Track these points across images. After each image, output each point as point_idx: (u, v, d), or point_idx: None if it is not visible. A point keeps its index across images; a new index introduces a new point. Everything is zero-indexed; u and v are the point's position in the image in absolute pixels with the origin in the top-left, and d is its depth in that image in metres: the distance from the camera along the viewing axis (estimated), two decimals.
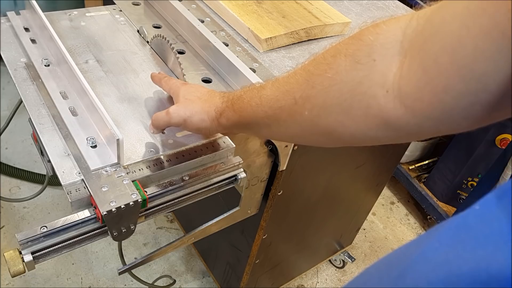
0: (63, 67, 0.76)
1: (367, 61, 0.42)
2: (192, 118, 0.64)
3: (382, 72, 0.41)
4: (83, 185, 0.61)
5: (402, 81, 0.39)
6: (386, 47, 0.41)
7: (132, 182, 0.62)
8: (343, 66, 0.44)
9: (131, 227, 0.62)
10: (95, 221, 0.61)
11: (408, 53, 0.39)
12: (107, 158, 0.64)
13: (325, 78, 0.46)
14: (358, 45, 0.44)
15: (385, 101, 0.41)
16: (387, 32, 0.42)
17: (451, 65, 0.35)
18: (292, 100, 0.50)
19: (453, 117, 0.37)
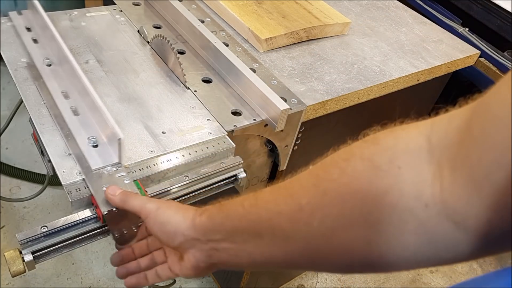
0: (65, 67, 0.76)
1: (390, 168, 0.37)
2: (167, 209, 0.53)
3: (413, 182, 0.36)
4: (84, 185, 0.61)
5: (446, 196, 0.34)
6: (411, 154, 0.37)
7: (133, 181, 0.62)
8: (360, 172, 0.38)
9: (133, 229, 0.61)
10: (96, 221, 0.61)
11: (445, 164, 0.35)
12: (108, 157, 0.64)
13: (340, 185, 0.39)
14: (375, 149, 0.39)
15: (427, 216, 0.35)
16: (407, 138, 0.38)
17: (508, 181, 0.30)
18: (296, 205, 0.42)
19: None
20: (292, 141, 0.87)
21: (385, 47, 1.06)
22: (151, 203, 0.55)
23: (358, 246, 0.39)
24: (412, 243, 0.36)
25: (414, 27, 1.19)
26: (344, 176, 0.39)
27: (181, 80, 0.82)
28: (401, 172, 0.36)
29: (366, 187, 0.38)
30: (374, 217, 0.37)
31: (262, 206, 0.45)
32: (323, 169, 0.42)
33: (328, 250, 0.41)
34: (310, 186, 0.42)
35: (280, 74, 0.88)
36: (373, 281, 1.75)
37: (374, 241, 0.38)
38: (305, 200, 0.41)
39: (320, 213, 0.40)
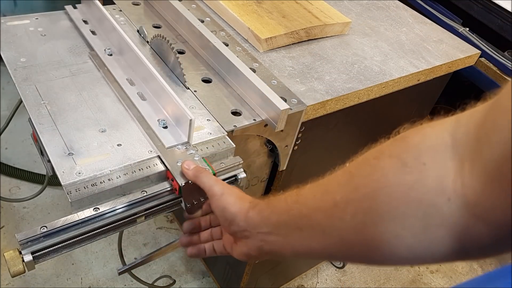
0: (127, 56, 0.82)
1: (415, 164, 0.39)
2: (229, 196, 0.59)
3: (436, 177, 0.38)
4: (84, 185, 0.61)
5: (466, 190, 0.36)
6: (436, 151, 0.39)
7: (202, 158, 0.68)
8: (388, 168, 0.41)
9: (201, 200, 0.67)
10: (170, 193, 0.67)
11: (467, 159, 0.37)
12: (178, 137, 0.70)
13: (370, 181, 0.42)
14: (403, 146, 0.41)
15: (449, 210, 0.37)
16: (433, 135, 0.40)
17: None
18: (331, 201, 0.45)
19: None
20: (292, 141, 0.87)
21: (386, 47, 1.06)
22: (218, 186, 0.61)
23: (387, 239, 0.41)
24: (438, 236, 0.38)
25: (414, 27, 1.18)
26: (374, 173, 0.42)
27: (181, 80, 0.82)
28: (426, 168, 0.38)
29: (393, 183, 0.40)
30: (401, 211, 0.39)
31: (302, 202, 0.50)
32: (355, 166, 0.45)
33: (360, 244, 0.44)
34: (343, 183, 0.45)
35: (280, 74, 0.88)
36: (373, 281, 1.75)
37: (403, 235, 0.40)
38: (339, 196, 0.44)
39: (352, 208, 0.43)
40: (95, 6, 0.90)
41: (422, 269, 1.83)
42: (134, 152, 0.68)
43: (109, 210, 0.62)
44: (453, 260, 0.40)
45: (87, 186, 0.61)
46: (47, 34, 0.88)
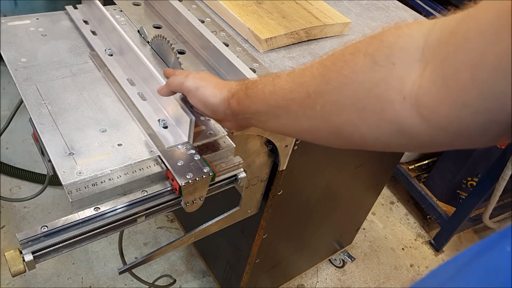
0: (127, 56, 0.82)
1: (385, 64, 0.41)
2: (205, 89, 0.63)
3: (400, 77, 0.40)
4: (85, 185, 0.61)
5: (420, 91, 0.39)
6: (407, 52, 0.40)
7: (202, 158, 0.68)
8: (360, 65, 0.43)
9: (200, 199, 0.69)
10: (170, 193, 0.67)
11: (430, 62, 0.39)
12: (178, 137, 0.71)
13: (341, 75, 0.45)
14: (378, 45, 0.43)
15: (401, 108, 0.40)
16: (409, 36, 0.41)
17: (471, 81, 0.34)
18: (305, 93, 0.49)
19: (469, 132, 0.37)
20: (292, 141, 0.87)
21: None
22: (189, 82, 0.65)
23: (347, 128, 0.47)
24: (386, 130, 0.43)
25: None
26: (346, 68, 0.45)
27: None
28: (394, 68, 0.41)
29: (361, 79, 0.43)
30: (362, 105, 0.44)
31: (280, 94, 0.53)
32: (331, 60, 0.48)
33: (325, 130, 0.50)
34: (318, 75, 0.48)
35: None
36: (373, 281, 1.76)
37: (358, 125, 0.45)
38: (312, 88, 0.49)
39: (322, 100, 0.48)
40: (95, 6, 0.90)
41: (422, 269, 1.83)
42: (134, 152, 0.68)
43: (110, 210, 0.63)
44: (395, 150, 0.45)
45: (87, 185, 0.61)
46: (47, 34, 0.88)
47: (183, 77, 0.66)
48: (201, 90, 0.64)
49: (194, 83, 0.64)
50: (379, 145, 0.46)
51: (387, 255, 1.86)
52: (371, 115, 0.43)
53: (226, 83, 0.64)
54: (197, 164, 0.67)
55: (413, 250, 1.91)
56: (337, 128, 0.48)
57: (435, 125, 0.38)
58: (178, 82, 0.67)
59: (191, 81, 0.65)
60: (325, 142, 0.52)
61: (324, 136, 0.51)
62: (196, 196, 0.67)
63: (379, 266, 1.82)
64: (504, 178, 1.56)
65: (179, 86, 0.67)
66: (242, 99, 0.59)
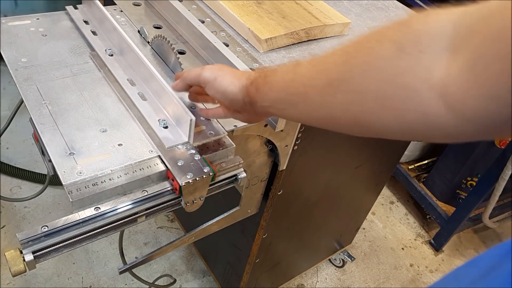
0: (128, 56, 0.83)
1: (413, 51, 0.40)
2: (223, 78, 0.63)
3: (428, 66, 0.39)
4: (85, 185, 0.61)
5: (448, 80, 0.38)
6: (435, 40, 0.39)
7: (202, 158, 0.69)
8: (386, 53, 0.42)
9: (200, 198, 0.69)
10: (170, 193, 0.67)
11: (459, 51, 0.37)
12: (178, 137, 0.71)
13: (365, 62, 0.44)
14: (405, 32, 0.41)
15: (428, 97, 0.39)
16: (437, 23, 0.40)
17: (501, 74, 0.33)
18: (326, 80, 0.48)
19: (495, 125, 0.36)
20: (292, 141, 0.88)
21: None
22: (206, 72, 0.64)
23: (368, 117, 0.45)
24: (410, 119, 0.41)
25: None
26: (370, 54, 0.43)
27: None
28: (421, 56, 0.40)
29: (386, 67, 0.42)
30: (386, 93, 0.42)
31: (300, 81, 0.52)
32: (355, 47, 0.46)
33: (345, 119, 0.48)
34: (340, 63, 0.47)
35: None
36: (372, 280, 1.76)
37: (381, 114, 0.43)
38: (334, 75, 0.47)
39: (344, 87, 0.46)
40: (96, 6, 0.90)
41: (422, 269, 1.84)
42: (135, 152, 0.68)
43: (110, 210, 0.63)
44: (418, 140, 0.43)
45: (88, 185, 0.61)
46: (48, 35, 0.88)
47: (199, 69, 0.65)
48: (219, 80, 0.63)
49: (212, 74, 0.64)
50: (402, 134, 0.45)
51: (387, 255, 1.87)
52: (395, 104, 0.42)
53: (244, 72, 0.63)
54: (197, 164, 0.67)
55: (413, 250, 1.91)
56: (358, 117, 0.46)
57: (461, 115, 0.37)
58: (194, 74, 0.66)
59: (208, 72, 0.64)
60: (345, 130, 0.51)
61: (344, 124, 0.50)
62: (196, 196, 0.68)
63: (379, 266, 1.82)
64: (504, 178, 1.57)
65: (196, 78, 0.66)
66: (261, 86, 0.58)
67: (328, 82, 0.48)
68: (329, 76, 0.48)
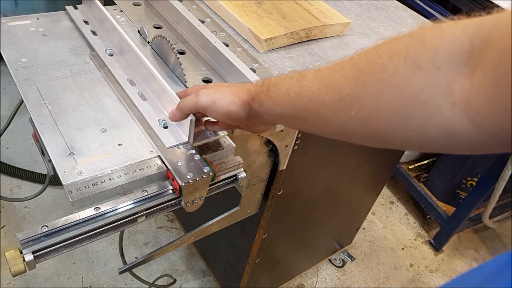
0: (128, 56, 0.82)
1: (430, 68, 0.39)
2: (222, 100, 0.60)
3: (447, 81, 0.38)
4: (85, 185, 0.61)
5: (471, 96, 0.37)
6: (453, 55, 0.38)
7: (202, 158, 0.68)
8: (401, 70, 0.41)
9: (200, 198, 0.69)
10: (171, 193, 0.67)
11: (479, 66, 0.37)
12: (179, 137, 0.71)
13: (379, 80, 0.42)
14: (420, 48, 0.40)
15: (450, 114, 0.38)
16: (453, 38, 0.39)
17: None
18: (337, 96, 0.46)
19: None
20: (292, 141, 0.88)
21: None
22: (203, 98, 0.61)
23: (386, 133, 0.44)
24: (433, 135, 0.41)
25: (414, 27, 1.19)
26: (384, 72, 0.42)
27: (182, 80, 0.82)
28: (439, 72, 0.39)
29: (403, 85, 0.41)
30: (405, 111, 0.41)
31: (307, 96, 0.50)
32: (365, 62, 0.45)
33: (360, 134, 0.47)
34: (351, 78, 0.45)
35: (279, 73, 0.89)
36: (372, 280, 1.76)
37: (401, 131, 0.43)
38: (346, 92, 0.46)
39: (358, 104, 0.45)
40: (96, 6, 0.90)
41: (422, 269, 1.84)
42: (135, 152, 0.68)
43: (110, 210, 0.63)
44: (440, 152, 0.43)
45: (88, 185, 0.62)
46: (48, 35, 0.88)
47: (194, 97, 0.63)
48: (218, 102, 0.60)
49: (209, 98, 0.61)
50: (423, 148, 0.44)
51: (387, 255, 1.87)
52: (415, 121, 0.41)
53: (242, 87, 0.61)
54: (197, 164, 0.67)
55: (413, 250, 1.91)
56: (375, 133, 0.45)
57: (486, 130, 0.37)
58: (191, 103, 0.63)
59: (205, 98, 0.61)
60: (360, 143, 0.50)
61: (359, 138, 0.49)
62: (196, 196, 0.68)
63: (379, 266, 1.82)
64: (504, 178, 1.57)
65: (194, 107, 0.63)
66: (264, 101, 0.56)
67: (339, 98, 0.46)
68: (340, 93, 0.46)
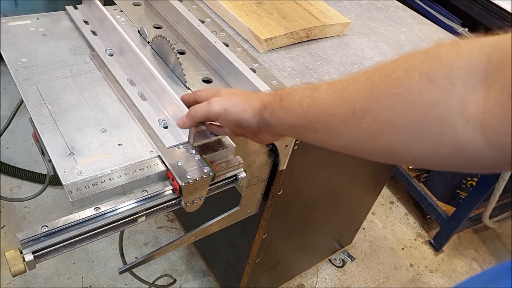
0: (128, 56, 0.82)
1: (444, 84, 0.39)
2: (234, 108, 0.60)
3: (461, 98, 0.38)
4: (85, 185, 0.61)
5: (486, 113, 0.37)
6: (468, 72, 0.38)
7: (202, 158, 0.68)
8: (415, 85, 0.41)
9: (200, 198, 0.69)
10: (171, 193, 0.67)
11: (495, 83, 0.36)
12: (179, 137, 0.71)
13: (393, 94, 0.42)
14: (435, 64, 0.40)
15: (464, 131, 0.38)
16: (469, 56, 0.39)
17: None
18: (350, 109, 0.46)
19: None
20: (292, 141, 0.87)
21: (385, 47, 1.06)
22: (215, 106, 0.61)
23: (398, 148, 0.44)
24: (445, 152, 0.40)
25: (413, 27, 1.19)
26: (398, 86, 0.42)
27: (182, 80, 0.82)
28: (454, 89, 0.38)
29: (416, 100, 0.40)
30: (417, 126, 0.41)
31: (319, 108, 0.50)
32: (380, 76, 0.45)
33: (371, 148, 0.47)
34: (365, 91, 0.45)
35: (280, 74, 0.89)
36: (372, 281, 1.76)
37: (412, 147, 0.42)
38: (358, 105, 0.45)
39: (370, 118, 0.45)
40: (95, 6, 0.90)
41: (422, 269, 1.84)
42: (135, 152, 0.68)
43: (110, 210, 0.63)
44: (452, 170, 0.42)
45: (88, 185, 0.62)
46: (48, 35, 0.88)
47: (206, 104, 0.62)
48: (230, 110, 0.60)
49: (221, 106, 0.61)
50: (434, 166, 0.44)
51: (387, 255, 1.87)
52: (427, 137, 0.41)
53: (254, 95, 0.61)
54: (197, 164, 0.67)
55: (413, 250, 1.91)
56: (386, 148, 0.45)
57: (500, 148, 0.36)
58: (202, 111, 0.63)
59: (217, 105, 0.61)
60: (370, 158, 0.50)
61: (369, 153, 0.49)
62: (196, 196, 0.68)
63: (379, 266, 1.82)
64: (504, 178, 1.57)
65: (205, 115, 0.63)
66: (276, 111, 0.56)
67: (351, 111, 0.46)
68: (353, 105, 0.46)
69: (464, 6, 1.52)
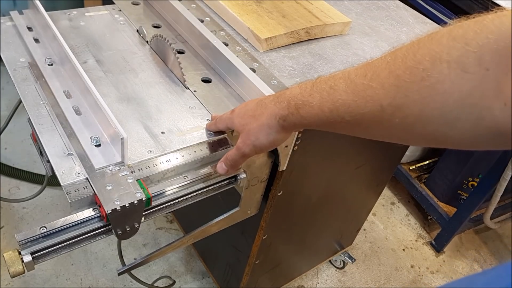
0: (67, 67, 0.76)
1: (477, 70, 0.37)
2: (259, 140, 0.61)
3: (496, 82, 0.37)
4: (83, 185, 0.61)
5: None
6: (500, 53, 0.36)
7: (136, 181, 0.62)
8: (446, 75, 0.39)
9: (135, 226, 0.62)
10: (99, 220, 0.61)
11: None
12: (112, 157, 0.64)
13: (422, 87, 0.41)
14: (463, 50, 0.38)
15: (502, 114, 0.37)
16: (497, 35, 0.37)
17: None
18: (377, 107, 0.45)
19: None
20: (292, 141, 0.87)
21: (386, 46, 1.06)
22: (246, 149, 0.62)
23: (435, 136, 0.43)
24: (484, 135, 0.39)
25: (415, 27, 1.18)
26: (427, 79, 0.40)
27: (181, 80, 0.82)
28: (488, 74, 0.37)
29: (449, 90, 0.39)
30: (453, 116, 0.40)
31: (343, 110, 0.48)
32: (404, 70, 0.42)
33: (407, 138, 0.47)
34: (390, 87, 0.43)
35: (280, 74, 0.88)
36: (373, 282, 1.75)
37: (450, 134, 0.41)
38: (386, 102, 0.44)
39: (402, 113, 0.43)
40: (38, 12, 0.83)
41: (423, 270, 1.83)
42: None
43: None
44: (490, 149, 0.42)
45: (86, 186, 0.61)
46: None
47: (237, 152, 0.65)
48: (258, 143, 0.62)
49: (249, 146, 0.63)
50: (472, 146, 0.43)
51: (388, 256, 1.86)
52: (465, 124, 0.39)
53: (268, 114, 0.59)
54: (129, 187, 0.60)
55: (413, 251, 1.90)
56: (423, 137, 0.44)
57: None
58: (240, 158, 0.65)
59: (247, 148, 0.63)
60: (409, 143, 0.49)
61: (407, 141, 0.49)
62: (128, 223, 0.62)
63: (380, 267, 1.81)
64: (505, 179, 1.56)
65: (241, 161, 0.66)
66: (297, 124, 0.56)
67: (379, 109, 0.45)
68: (380, 103, 0.44)
69: (465, 6, 1.52)
